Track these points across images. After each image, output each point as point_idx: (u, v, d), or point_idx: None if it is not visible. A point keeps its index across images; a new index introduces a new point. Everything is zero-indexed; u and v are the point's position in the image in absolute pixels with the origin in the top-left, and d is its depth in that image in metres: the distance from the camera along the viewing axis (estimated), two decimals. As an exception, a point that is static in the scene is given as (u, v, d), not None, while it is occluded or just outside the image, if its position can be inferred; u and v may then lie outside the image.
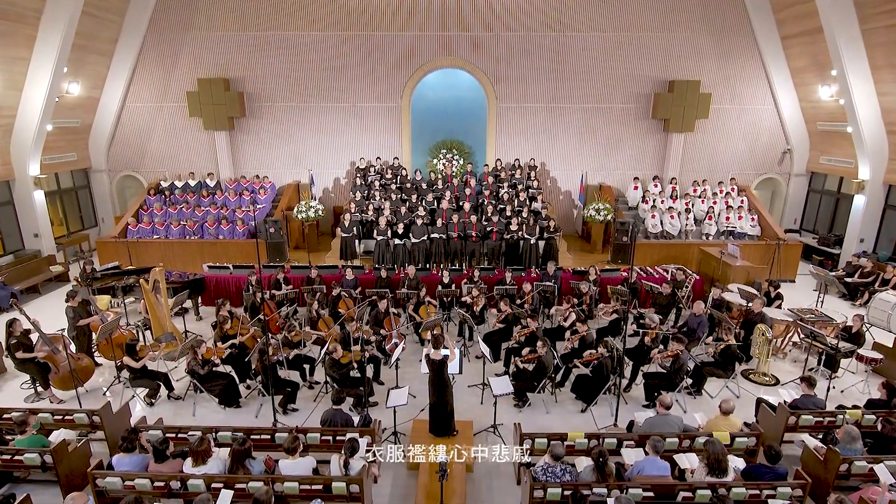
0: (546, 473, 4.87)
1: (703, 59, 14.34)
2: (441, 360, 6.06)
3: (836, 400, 7.27)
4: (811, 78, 13.46)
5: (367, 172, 14.21)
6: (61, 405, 7.34)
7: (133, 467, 5.07)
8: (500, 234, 11.44)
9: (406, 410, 6.78)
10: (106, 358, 8.30)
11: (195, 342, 7.21)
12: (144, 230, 12.84)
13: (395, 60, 14.41)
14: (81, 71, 13.16)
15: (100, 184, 15.29)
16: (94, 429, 6.15)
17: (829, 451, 5.33)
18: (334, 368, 6.97)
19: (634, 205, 14.31)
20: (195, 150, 15.15)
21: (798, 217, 15.48)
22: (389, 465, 6.05)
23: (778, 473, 4.91)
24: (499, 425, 6.55)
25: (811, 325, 8.17)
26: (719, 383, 7.67)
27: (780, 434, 6.05)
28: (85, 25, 12.10)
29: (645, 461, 5.04)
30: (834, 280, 10.43)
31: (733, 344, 7.42)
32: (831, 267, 12.93)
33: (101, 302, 9.48)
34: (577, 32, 14.19)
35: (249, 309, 9.38)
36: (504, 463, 6.09)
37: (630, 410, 7.06)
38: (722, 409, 5.90)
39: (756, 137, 14.91)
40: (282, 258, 12.11)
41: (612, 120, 14.85)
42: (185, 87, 14.43)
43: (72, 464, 5.58)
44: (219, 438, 5.74)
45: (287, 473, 4.98)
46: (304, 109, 14.81)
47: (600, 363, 7.01)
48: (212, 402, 7.28)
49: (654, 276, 10.85)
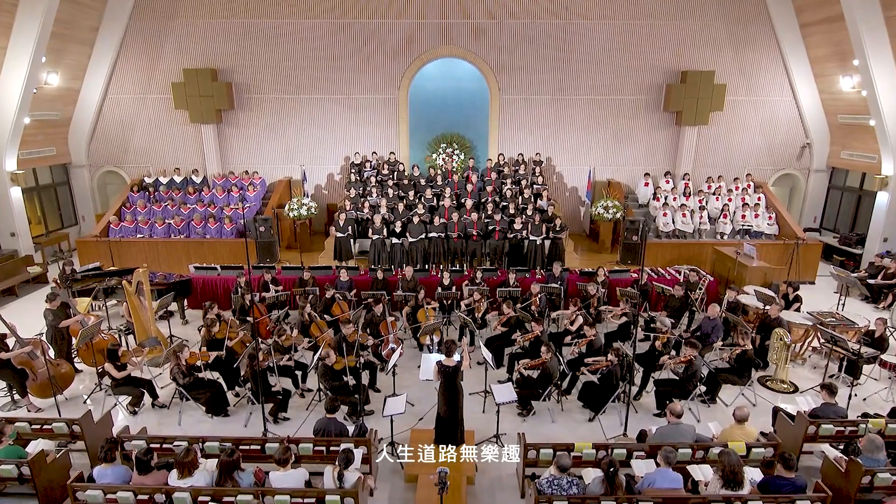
0: (552, 486, 4.87)
1: (717, 48, 14.34)
2: (454, 368, 6.06)
3: (859, 408, 7.27)
4: (832, 68, 13.45)
5: (363, 168, 14.21)
6: (39, 414, 7.33)
7: (115, 479, 5.06)
8: (502, 233, 11.44)
9: (404, 419, 6.78)
10: (86, 364, 8.30)
11: (178, 347, 7.20)
12: (127, 229, 12.84)
13: (392, 49, 14.41)
14: (61, 61, 13.15)
15: (80, 180, 15.30)
16: (74, 439, 6.13)
17: (851, 462, 5.32)
18: (327, 377, 6.96)
19: (645, 202, 14.32)
20: (181, 145, 15.15)
21: (818, 215, 15.49)
22: (386, 476, 6.08)
23: (797, 486, 4.90)
24: (502, 435, 6.55)
25: (832, 329, 8.15)
26: (734, 391, 7.68)
27: (799, 444, 6.05)
28: (64, 13, 12.10)
29: (656, 473, 5.03)
30: (856, 282, 10.43)
31: (749, 349, 7.42)
32: (853, 268, 12.92)
33: (81, 305, 9.47)
34: (585, 20, 14.19)
35: (238, 312, 9.37)
36: (508, 475, 6.12)
37: (640, 419, 7.07)
38: (736, 417, 5.90)
39: (773, 131, 14.91)
40: (272, 258, 12.12)
41: (622, 112, 14.85)
42: (171, 78, 14.43)
43: (50, 476, 5.56)
44: (206, 449, 5.73)
45: (278, 486, 4.98)
46: (296, 101, 14.81)
47: (609, 370, 7.01)
48: (198, 410, 7.28)
49: (665, 277, 10.85)
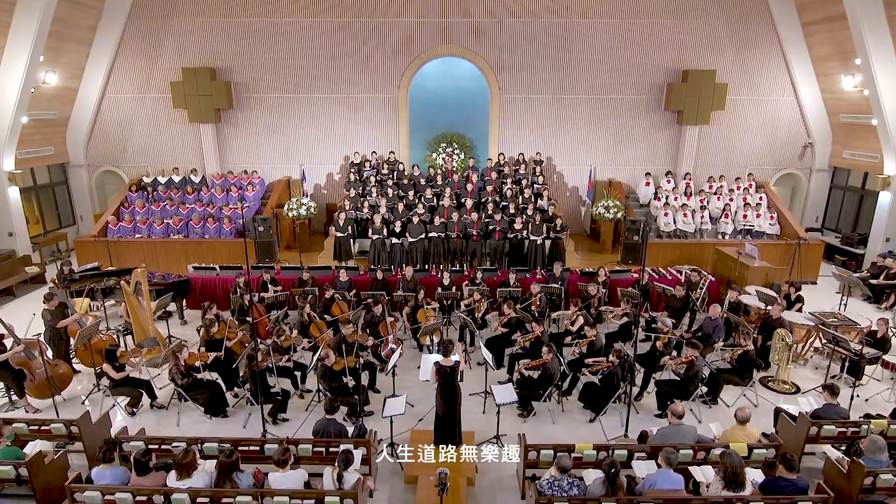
0: (552, 487, 4.88)
1: (719, 47, 14.35)
2: (452, 367, 6.08)
3: (861, 409, 7.27)
4: (834, 67, 13.47)
5: (362, 167, 14.23)
6: (37, 415, 7.33)
7: (113, 481, 5.07)
8: (503, 233, 11.45)
9: (404, 420, 6.79)
10: (84, 364, 8.31)
11: (177, 347, 7.21)
12: (125, 229, 12.85)
13: (391, 48, 14.42)
14: (59, 60, 13.16)
15: (78, 179, 15.30)
16: (73, 440, 6.14)
17: (853, 463, 5.33)
18: (326, 378, 6.97)
19: (646, 202, 14.33)
20: (179, 144, 15.15)
21: (820, 215, 15.49)
22: (386, 478, 6.09)
23: (798, 487, 4.92)
24: (502, 436, 6.56)
25: (834, 329, 8.17)
26: (736, 391, 7.69)
27: (801, 445, 6.06)
28: (62, 12, 12.10)
29: (657, 474, 5.04)
30: (858, 282, 10.44)
31: (751, 350, 7.43)
32: (855, 268, 12.93)
33: (79, 305, 9.47)
34: (585, 19, 14.20)
35: (237, 312, 9.39)
36: (508, 476, 6.13)
37: (641, 420, 7.08)
38: (738, 418, 5.92)
39: (775, 130, 14.92)
40: (271, 259, 12.13)
41: (623, 112, 14.86)
42: (169, 77, 14.43)
43: (48, 477, 5.57)
44: (204, 450, 5.74)
45: (277, 487, 4.99)
46: (296, 101, 14.82)
47: (610, 370, 7.02)
48: (197, 411, 7.29)
49: (666, 277, 10.86)
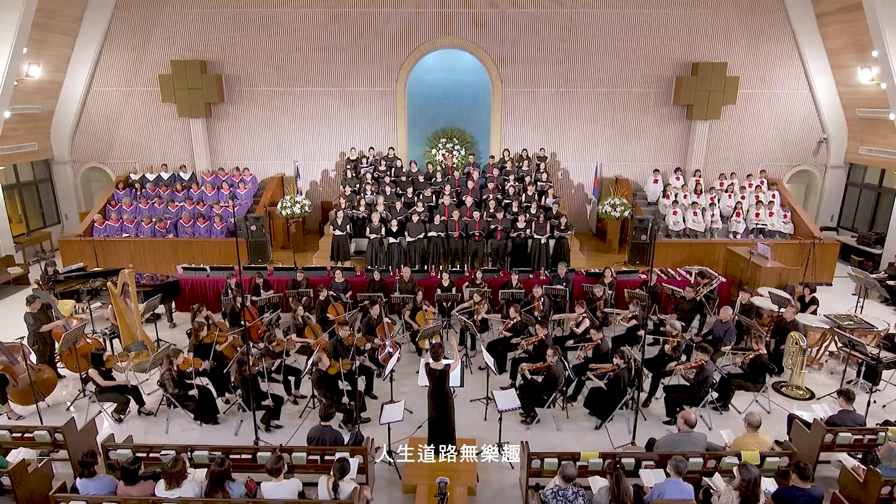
0: (556, 497, 4.87)
1: (730, 38, 14.34)
2: (442, 371, 6.07)
3: (878, 416, 7.27)
4: (850, 60, 13.46)
5: (359, 164, 14.21)
6: (20, 421, 7.34)
7: (100, 490, 5.06)
8: (505, 232, 11.44)
9: (402, 427, 6.76)
10: (69, 369, 8.29)
11: (171, 352, 7.21)
12: (112, 228, 12.84)
13: (389, 40, 14.40)
14: (43, 52, 13.14)
15: (63, 176, 15.28)
16: (57, 447, 6.13)
17: (870, 471, 5.33)
18: (321, 384, 6.95)
19: (654, 200, 14.33)
20: (168, 140, 15.14)
21: (835, 213, 15.48)
22: (383, 487, 6.08)
23: (813, 497, 4.90)
24: (504, 444, 6.55)
25: (850, 332, 8.17)
26: (748, 397, 7.68)
27: (816, 453, 6.05)
28: (46, 2, 12.10)
29: (666, 483, 5.03)
30: (875, 283, 10.43)
31: (763, 354, 7.42)
32: (872, 269, 12.93)
33: (64, 307, 9.46)
34: (591, 9, 14.19)
35: (228, 315, 9.38)
36: (510, 485, 6.12)
37: (649, 427, 7.07)
38: (749, 423, 5.90)
39: (789, 125, 14.91)
40: (264, 259, 12.12)
41: (630, 106, 14.85)
42: (158, 70, 14.42)
43: (32, 486, 5.56)
44: (195, 458, 5.73)
45: (270, 497, 4.98)
46: (289, 94, 14.81)
47: (616, 375, 7.01)
48: (186, 417, 7.28)
49: (675, 278, 10.85)
